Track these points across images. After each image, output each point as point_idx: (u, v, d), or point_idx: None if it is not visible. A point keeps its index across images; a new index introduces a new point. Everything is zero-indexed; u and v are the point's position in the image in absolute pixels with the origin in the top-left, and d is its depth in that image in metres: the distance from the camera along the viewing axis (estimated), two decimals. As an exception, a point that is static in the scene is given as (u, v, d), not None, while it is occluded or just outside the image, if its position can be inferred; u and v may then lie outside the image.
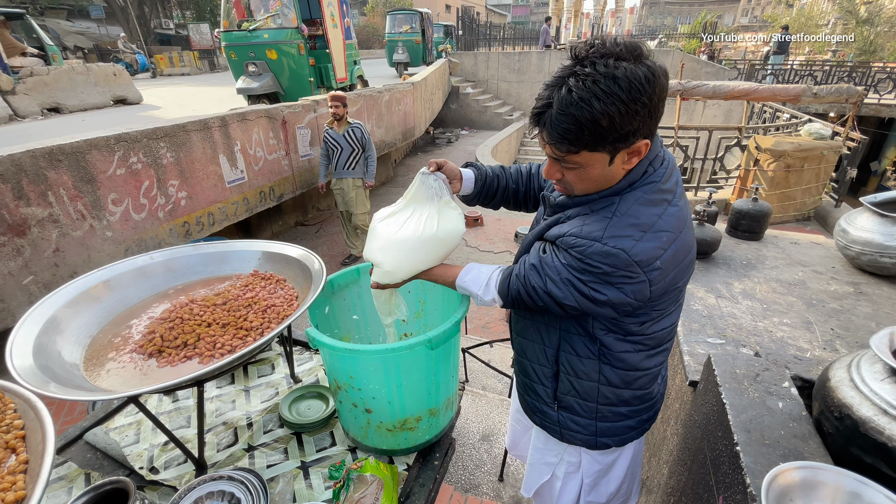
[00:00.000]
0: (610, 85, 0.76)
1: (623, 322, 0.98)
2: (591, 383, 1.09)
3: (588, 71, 0.77)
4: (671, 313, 1.03)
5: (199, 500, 1.02)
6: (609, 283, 0.87)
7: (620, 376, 1.07)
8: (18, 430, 0.86)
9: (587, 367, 1.07)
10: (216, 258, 1.45)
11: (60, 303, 1.16)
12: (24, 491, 0.74)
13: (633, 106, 0.77)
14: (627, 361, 1.04)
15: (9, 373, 0.98)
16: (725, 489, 1.00)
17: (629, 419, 1.15)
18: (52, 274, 2.94)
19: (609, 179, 0.89)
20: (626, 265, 0.84)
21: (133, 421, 1.39)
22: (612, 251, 0.84)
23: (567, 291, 0.91)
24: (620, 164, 0.86)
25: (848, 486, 0.82)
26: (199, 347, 1.14)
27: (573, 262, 0.89)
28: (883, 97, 11.10)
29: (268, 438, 1.31)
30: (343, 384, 1.10)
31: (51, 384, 0.95)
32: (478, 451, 2.40)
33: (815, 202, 5.44)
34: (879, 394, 0.89)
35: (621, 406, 1.12)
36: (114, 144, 3.17)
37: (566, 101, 0.79)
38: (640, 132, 0.82)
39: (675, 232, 0.88)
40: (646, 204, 0.87)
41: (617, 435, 1.16)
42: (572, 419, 1.16)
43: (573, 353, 1.08)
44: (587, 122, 0.78)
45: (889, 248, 1.90)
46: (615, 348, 1.03)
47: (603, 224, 0.87)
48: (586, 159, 0.84)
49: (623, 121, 0.78)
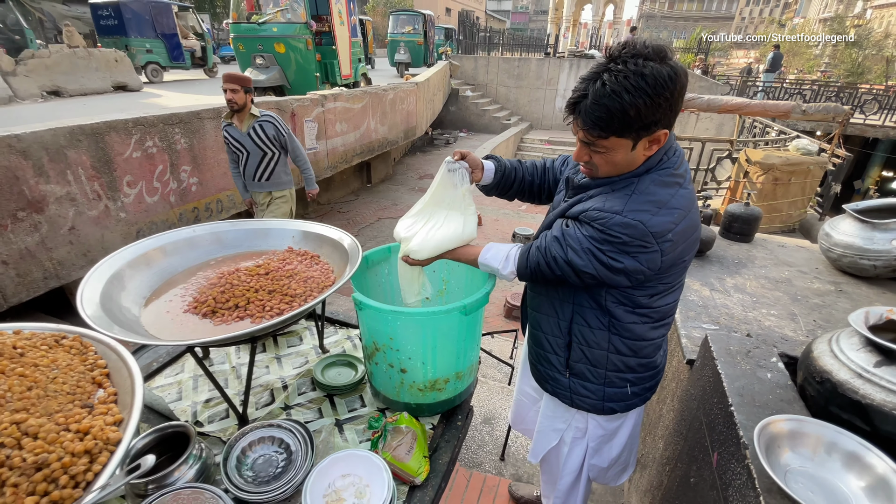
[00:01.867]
0: (638, 81, 0.89)
1: (633, 295, 1.10)
2: (602, 352, 1.21)
3: (620, 68, 0.91)
4: (675, 290, 1.16)
5: (252, 444, 1.13)
6: (626, 252, 0.99)
7: (628, 345, 1.19)
8: (102, 368, 0.96)
9: (598, 337, 1.20)
10: (260, 233, 1.56)
11: (123, 261, 1.26)
12: (120, 415, 0.84)
13: (657, 99, 0.90)
14: (634, 332, 1.17)
15: (77, 321, 1.08)
16: (720, 446, 1.14)
17: (634, 385, 1.27)
18: (66, 251, 3.01)
19: (630, 164, 1.02)
20: (643, 235, 0.97)
21: (173, 381, 1.49)
22: (632, 222, 0.97)
23: (587, 259, 1.03)
24: (642, 150, 0.99)
25: (827, 436, 0.96)
26: (249, 309, 1.25)
27: (595, 233, 1.01)
28: (868, 118, 11.51)
29: (302, 399, 1.42)
30: (382, 346, 1.22)
31: (115, 328, 1.05)
32: (480, 432, 2.53)
33: (800, 215, 5.67)
34: (855, 361, 1.03)
35: (628, 373, 1.24)
36: (132, 127, 3.25)
37: (600, 93, 0.92)
38: (662, 123, 0.95)
39: (685, 210, 1.01)
40: (661, 185, 1.01)
41: (622, 400, 1.28)
42: (583, 385, 1.28)
43: (585, 324, 1.20)
44: (617, 111, 0.92)
45: (868, 251, 2.07)
46: (624, 319, 1.15)
47: (623, 200, 1.00)
48: (613, 144, 0.98)
49: (648, 112, 0.91)
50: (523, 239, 5.63)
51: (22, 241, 2.73)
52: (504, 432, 2.42)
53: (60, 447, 0.73)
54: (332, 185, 7.49)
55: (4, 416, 0.73)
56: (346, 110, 6.11)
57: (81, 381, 0.90)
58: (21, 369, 0.83)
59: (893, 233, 2.03)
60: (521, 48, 15.95)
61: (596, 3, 18.04)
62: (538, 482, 2.10)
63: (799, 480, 0.93)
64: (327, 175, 6.12)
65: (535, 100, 14.00)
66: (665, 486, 1.55)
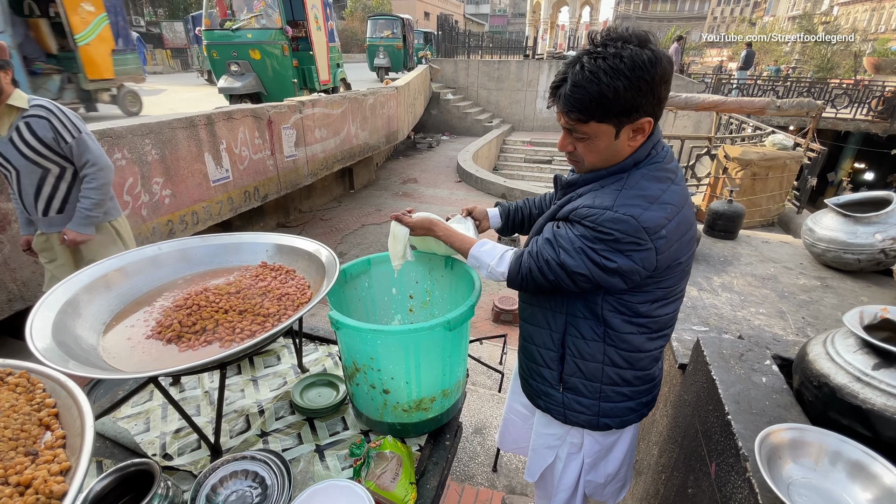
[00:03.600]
0: (616, 63, 0.87)
1: (631, 302, 1.06)
2: (596, 364, 1.16)
3: (599, 51, 0.90)
4: (675, 299, 1.12)
5: (223, 479, 1.05)
6: (619, 250, 0.95)
7: (624, 357, 1.14)
8: (51, 407, 0.87)
9: (592, 349, 1.15)
10: (230, 249, 1.48)
11: (79, 285, 1.17)
12: (67, 462, 0.76)
13: (635, 82, 0.88)
14: (631, 343, 1.12)
15: (28, 355, 0.99)
16: (718, 456, 1.09)
17: (630, 400, 1.22)
18: (31, 272, 2.86)
19: (615, 154, 0.99)
20: (636, 231, 0.93)
21: (141, 410, 1.40)
22: (623, 217, 0.93)
23: (580, 260, 0.98)
24: (626, 139, 0.96)
25: (831, 445, 0.92)
26: (218, 332, 1.17)
27: (586, 232, 0.97)
28: (839, 111, 11.84)
29: (280, 424, 1.34)
30: (363, 366, 1.15)
31: (70, 362, 0.96)
32: (471, 443, 2.46)
33: (779, 209, 5.76)
34: (853, 363, 1.00)
35: (624, 386, 1.19)
36: (98, 140, 3.11)
37: (578, 76, 0.90)
38: (643, 109, 0.92)
39: (678, 206, 0.98)
40: (651, 180, 0.97)
41: (618, 416, 1.23)
42: (577, 400, 1.23)
43: (579, 336, 1.15)
44: (595, 93, 0.89)
45: (851, 245, 2.07)
46: (621, 329, 1.10)
47: (613, 196, 0.96)
48: (594, 130, 0.95)
49: (626, 95, 0.89)
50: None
51: (-19, 262, 2.58)
52: (496, 442, 2.36)
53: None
54: (313, 193, 7.37)
55: (-74, 474, 0.64)
56: (325, 116, 6.01)
57: (26, 424, 0.81)
58: (-48, 416, 0.74)
59: (876, 226, 2.04)
60: (501, 51, 16.02)
61: (573, 5, 18.26)
62: (532, 493, 2.05)
63: (802, 493, 0.89)
64: (308, 182, 6.01)
65: (515, 101, 14.06)
66: (662, 496, 1.50)
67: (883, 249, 2.01)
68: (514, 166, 11.76)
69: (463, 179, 9.34)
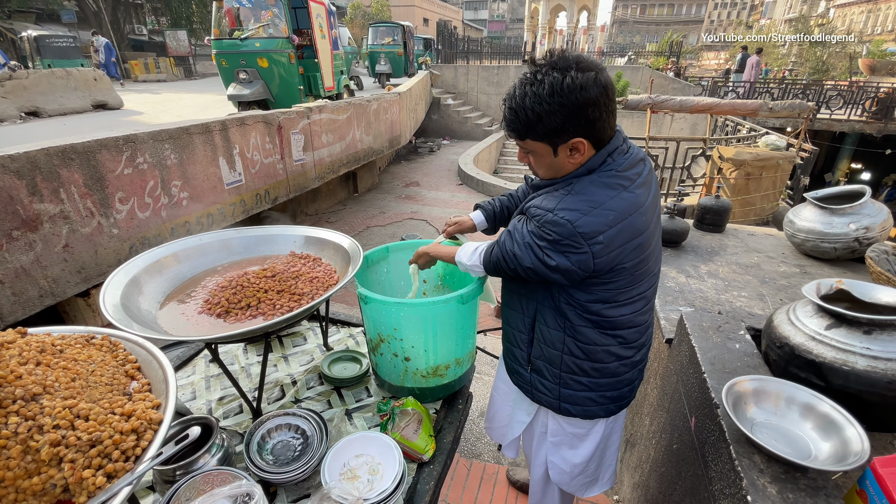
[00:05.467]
0: (538, 89, 0.98)
1: (580, 300, 1.14)
2: (556, 352, 1.25)
3: (529, 78, 1.01)
4: (628, 302, 1.16)
5: (270, 430, 1.22)
6: (558, 250, 1.03)
7: (581, 348, 1.21)
8: (133, 363, 1.04)
9: (553, 336, 1.23)
10: (264, 240, 1.66)
11: (139, 268, 1.34)
12: (157, 401, 0.93)
13: (553, 106, 0.97)
14: (586, 335, 1.19)
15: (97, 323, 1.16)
16: (696, 410, 1.26)
17: (591, 391, 1.27)
18: (61, 269, 3.03)
19: (559, 169, 1.09)
20: (571, 235, 1.00)
21: (186, 383, 1.56)
22: (560, 221, 1.01)
23: (526, 253, 1.08)
24: (564, 157, 1.05)
25: (787, 392, 1.09)
26: (261, 308, 1.34)
27: (534, 229, 1.07)
28: (834, 113, 12.01)
29: (311, 393, 1.50)
30: (387, 336, 1.32)
31: (136, 327, 1.13)
32: (478, 425, 2.63)
33: (772, 208, 5.93)
34: (809, 326, 1.17)
35: (582, 376, 1.25)
36: (122, 145, 3.30)
37: (511, 101, 1.04)
38: (571, 130, 1.00)
39: (624, 213, 1.02)
40: (600, 186, 1.03)
41: (579, 404, 1.29)
42: (540, 381, 1.32)
43: (545, 322, 1.24)
44: (521, 116, 1.02)
45: (828, 234, 2.24)
46: (575, 322, 1.18)
47: (558, 199, 1.04)
48: (533, 147, 1.07)
49: (548, 118, 0.99)
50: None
51: (17, 259, 2.76)
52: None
53: (110, 427, 0.81)
54: (319, 196, 7.56)
55: (57, 401, 0.81)
56: (331, 121, 6.21)
57: (116, 374, 0.98)
58: (64, 363, 0.91)
59: (850, 217, 2.21)
60: (500, 56, 16.26)
61: (570, 10, 18.52)
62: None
63: (764, 431, 1.05)
64: (315, 185, 6.19)
65: (515, 106, 14.25)
66: (652, 458, 1.67)
67: (857, 238, 2.18)
68: (514, 169, 11.96)
69: (464, 182, 9.53)
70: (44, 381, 0.84)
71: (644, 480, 1.75)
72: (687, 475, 1.27)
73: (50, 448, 0.75)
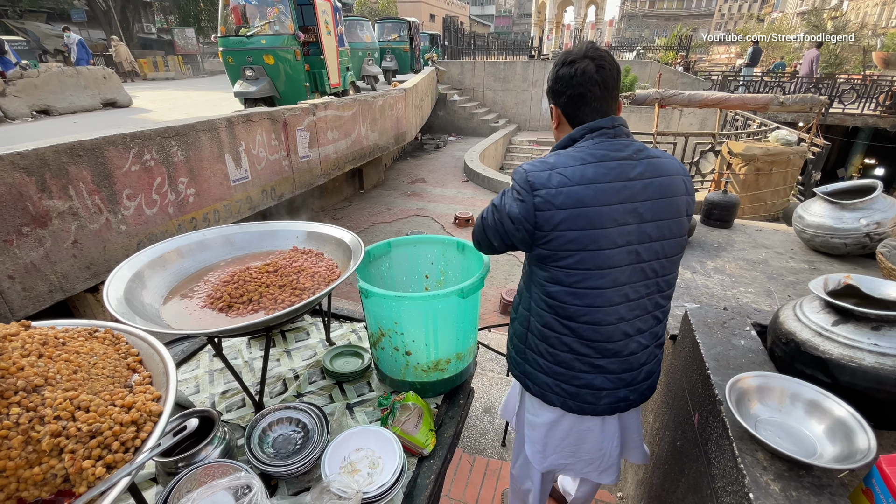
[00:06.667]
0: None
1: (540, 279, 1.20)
2: (523, 329, 1.32)
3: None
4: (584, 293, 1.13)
5: (271, 424, 1.22)
6: (514, 197, 1.14)
7: (540, 331, 1.25)
8: (135, 356, 1.05)
9: (521, 315, 1.32)
10: (267, 235, 1.66)
11: (142, 263, 1.35)
12: (158, 393, 0.94)
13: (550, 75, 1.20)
14: (542, 317, 1.23)
15: (99, 317, 1.17)
16: (700, 406, 1.25)
17: (546, 375, 1.28)
18: (70, 265, 3.07)
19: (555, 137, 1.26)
20: (522, 180, 1.12)
21: (190, 376, 1.58)
22: (520, 170, 1.15)
23: (490, 206, 1.22)
24: (553, 124, 1.26)
25: (791, 388, 1.07)
26: (262, 303, 1.34)
27: (507, 187, 1.20)
28: (847, 107, 11.80)
29: (313, 387, 1.51)
30: (388, 330, 1.32)
31: (139, 320, 1.14)
32: (481, 421, 2.62)
33: (783, 203, 5.84)
34: (816, 322, 1.15)
35: (539, 357, 1.29)
36: (130, 142, 3.33)
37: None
38: (552, 96, 1.21)
39: (573, 181, 1.07)
40: (567, 157, 1.12)
41: (537, 385, 1.32)
42: (512, 355, 1.41)
43: (520, 300, 1.34)
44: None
45: (838, 230, 2.20)
46: (538, 304, 1.23)
47: (532, 161, 1.17)
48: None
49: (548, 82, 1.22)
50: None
51: (27, 255, 2.80)
52: (504, 420, 2.52)
53: (110, 418, 0.82)
54: (325, 192, 7.58)
55: (58, 393, 0.82)
56: (336, 118, 6.21)
57: (118, 367, 0.99)
58: (66, 355, 0.92)
59: (861, 212, 2.17)
60: (506, 51, 16.16)
61: (578, 5, 18.33)
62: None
63: (768, 428, 1.04)
64: (320, 182, 6.21)
65: (521, 102, 14.20)
66: (656, 455, 1.65)
67: (868, 233, 2.14)
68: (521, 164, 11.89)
69: (470, 179, 9.50)
70: (45, 372, 0.85)
71: (647, 477, 1.74)
72: (690, 472, 1.26)
73: (51, 439, 0.76)
